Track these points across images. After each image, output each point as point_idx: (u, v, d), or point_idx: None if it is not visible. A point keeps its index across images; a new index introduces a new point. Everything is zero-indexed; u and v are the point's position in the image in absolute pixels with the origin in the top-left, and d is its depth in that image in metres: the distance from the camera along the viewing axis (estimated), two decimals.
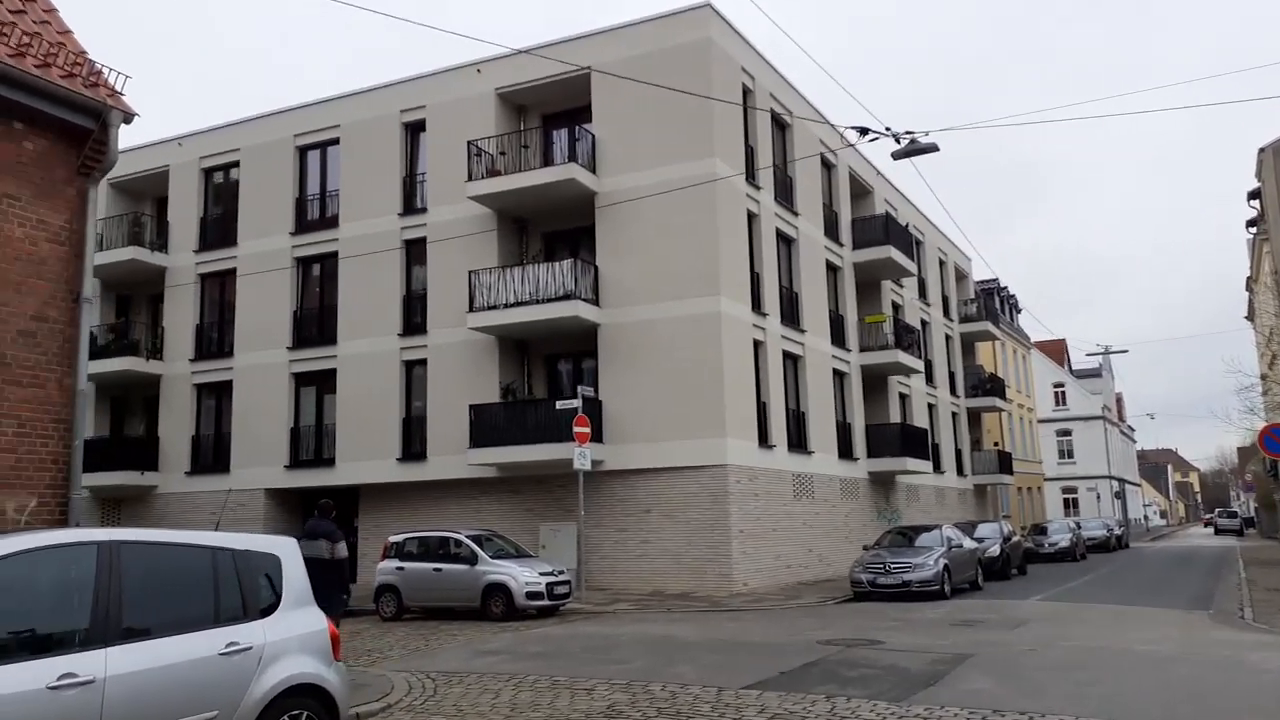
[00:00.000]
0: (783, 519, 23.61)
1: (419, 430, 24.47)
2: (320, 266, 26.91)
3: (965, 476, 40.72)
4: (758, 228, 24.09)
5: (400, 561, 18.13)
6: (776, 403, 23.90)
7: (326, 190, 27.18)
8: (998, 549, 25.60)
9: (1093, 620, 15.66)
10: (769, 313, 23.96)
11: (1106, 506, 69.55)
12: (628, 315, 22.27)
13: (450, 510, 23.93)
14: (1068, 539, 35.93)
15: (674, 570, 21.23)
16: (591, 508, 21.88)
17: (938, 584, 19.52)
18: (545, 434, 21.48)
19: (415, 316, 25.05)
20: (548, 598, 16.94)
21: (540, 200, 23.23)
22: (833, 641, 12.83)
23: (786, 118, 26.44)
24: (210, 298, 28.52)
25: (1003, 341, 50.32)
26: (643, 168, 22.47)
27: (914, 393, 34.52)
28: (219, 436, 27.51)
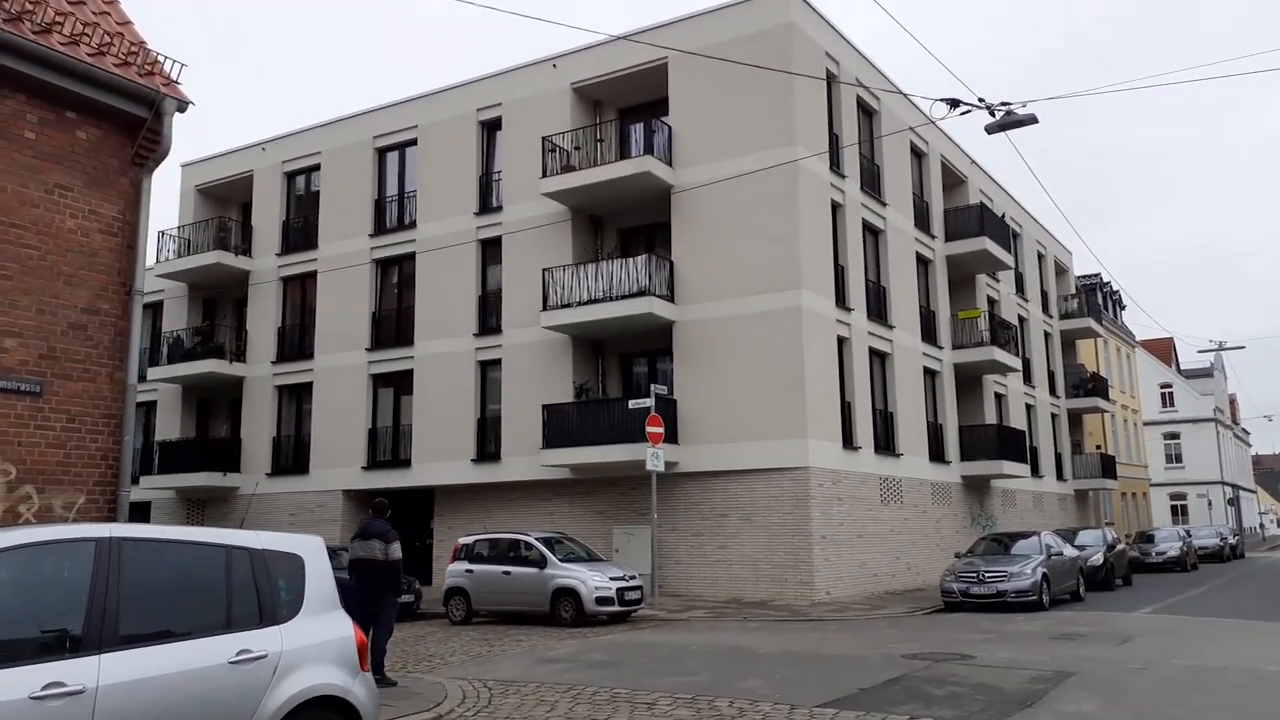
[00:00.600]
0: (868, 525, 22.55)
1: (493, 431, 24.17)
2: (398, 268, 26.89)
3: (1065, 481, 38.76)
4: (842, 218, 23.11)
5: (469, 564, 17.77)
6: (862, 402, 22.87)
7: (405, 191, 27.16)
8: (1100, 557, 24.06)
9: (1209, 636, 14.32)
10: (854, 308, 22.95)
11: (1219, 514, 65.81)
12: (704, 311, 21.56)
13: (523, 512, 23.55)
14: (1177, 548, 33.87)
15: (752, 577, 20.41)
16: (666, 511, 21.22)
17: (1035, 594, 18.27)
18: (619, 434, 20.91)
19: (490, 317, 24.77)
20: (618, 603, 16.33)
21: (615, 196, 22.70)
22: (919, 655, 11.90)
23: (873, 103, 25.38)
24: (292, 300, 28.80)
25: (1105, 339, 47.92)
26: (721, 158, 21.73)
27: (1010, 392, 32.90)
28: (299, 438, 27.72)
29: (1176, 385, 69.64)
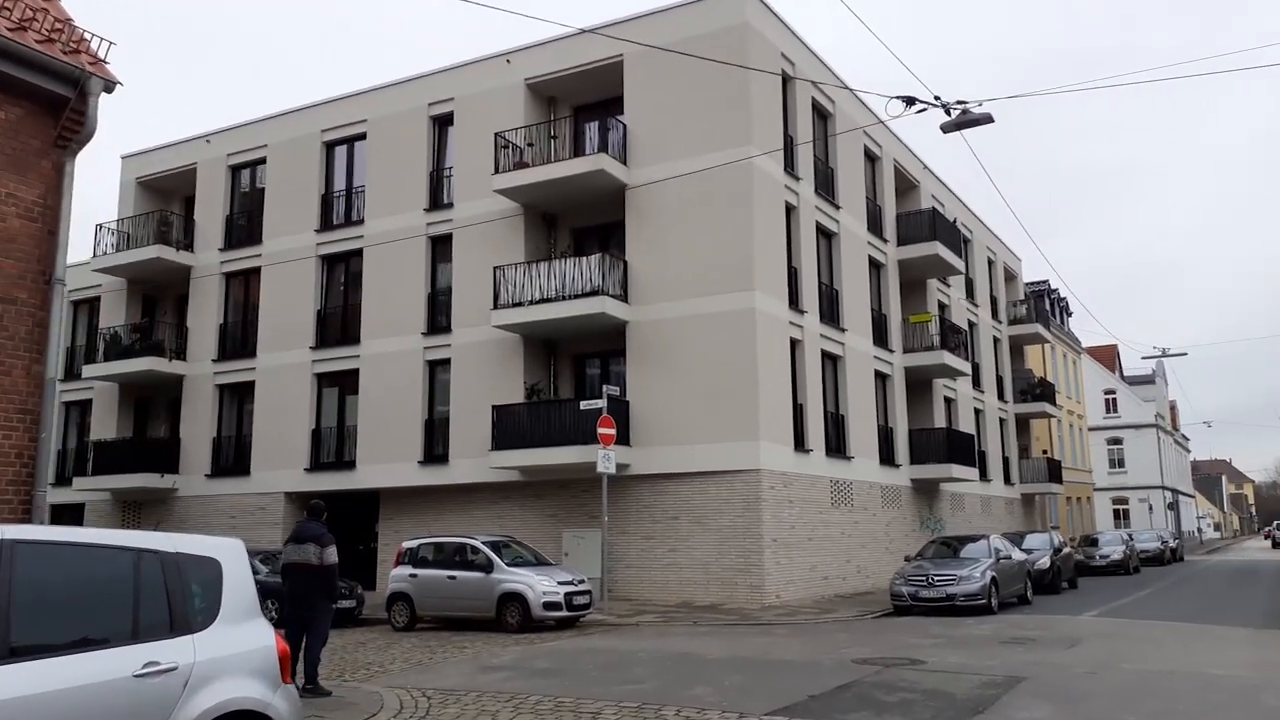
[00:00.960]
0: (819, 528, 22.47)
1: (441, 432, 23.69)
2: (345, 265, 26.29)
3: (1012, 485, 39.15)
4: (796, 221, 23.02)
5: (414, 568, 17.31)
6: (814, 405, 22.78)
7: (353, 186, 26.57)
8: (1047, 561, 24.22)
9: (1156, 639, 14.37)
10: (807, 310, 22.87)
11: (1159, 518, 67.16)
12: (658, 312, 21.32)
13: (472, 515, 23.11)
14: (1120, 551, 34.33)
15: (702, 580, 20.19)
16: (617, 514, 20.93)
17: (984, 598, 18.28)
18: (570, 436, 20.58)
19: (439, 316, 24.30)
20: (566, 608, 16.00)
21: (569, 193, 22.38)
22: (869, 660, 11.74)
23: (828, 106, 25.35)
24: (234, 297, 28.05)
25: (1053, 345, 48.57)
26: (676, 157, 21.51)
27: (960, 397, 33.13)
28: (240, 438, 26.98)
29: (1120, 391, 70.93)
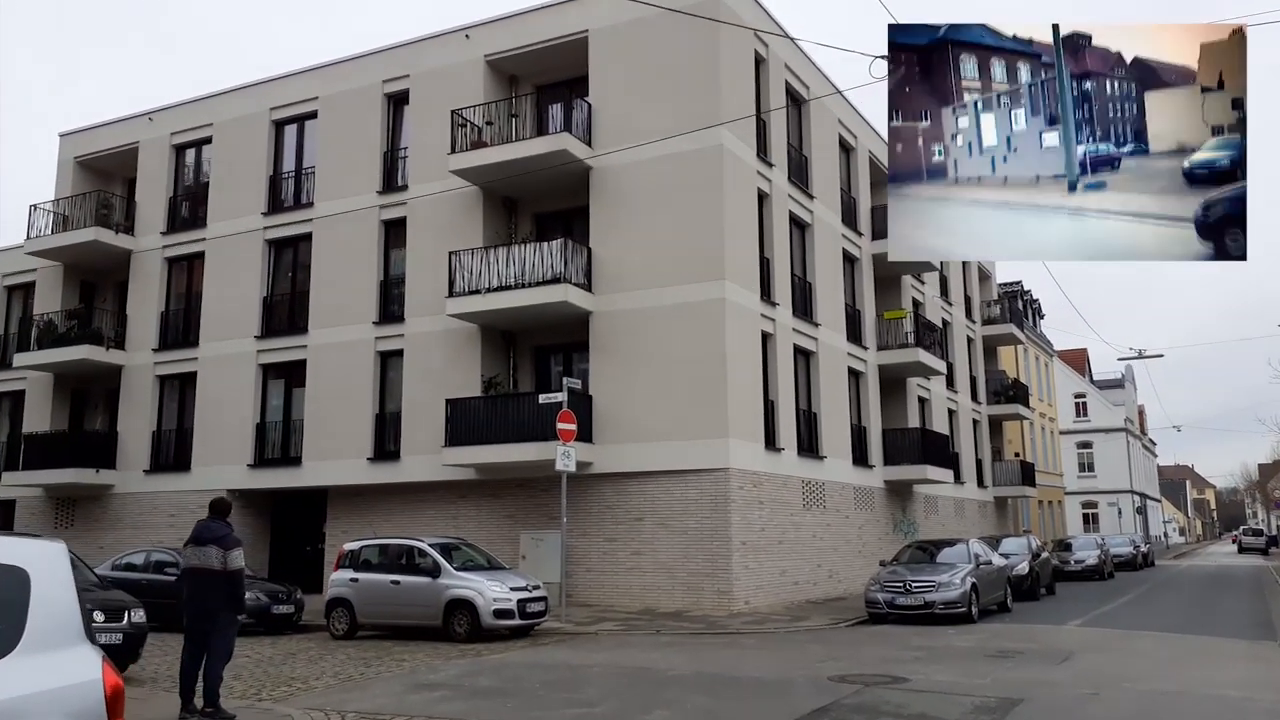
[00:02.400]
0: (790, 530, 21.40)
1: (393, 427, 22.38)
2: (293, 250, 24.89)
3: (986, 488, 38.37)
4: (769, 209, 21.95)
5: (355, 572, 16.02)
6: (786, 402, 21.72)
7: (302, 167, 25.18)
8: (1026, 566, 23.31)
9: (1149, 653, 13.42)
10: (779, 303, 21.80)
11: (1128, 522, 66.97)
12: (623, 302, 20.15)
13: (425, 515, 21.82)
14: (1095, 556, 33.56)
15: (667, 585, 19.05)
16: (578, 515, 19.75)
17: (964, 605, 17.28)
18: (529, 432, 19.36)
19: (392, 304, 22.99)
20: (519, 616, 14.78)
21: (530, 176, 21.14)
22: (847, 678, 10.64)
23: (802, 92, 24.31)
24: (177, 283, 26.55)
25: (1026, 347, 47.98)
26: (643, 140, 20.36)
27: (934, 397, 32.26)
28: (181, 432, 25.48)
29: (1090, 395, 70.69)
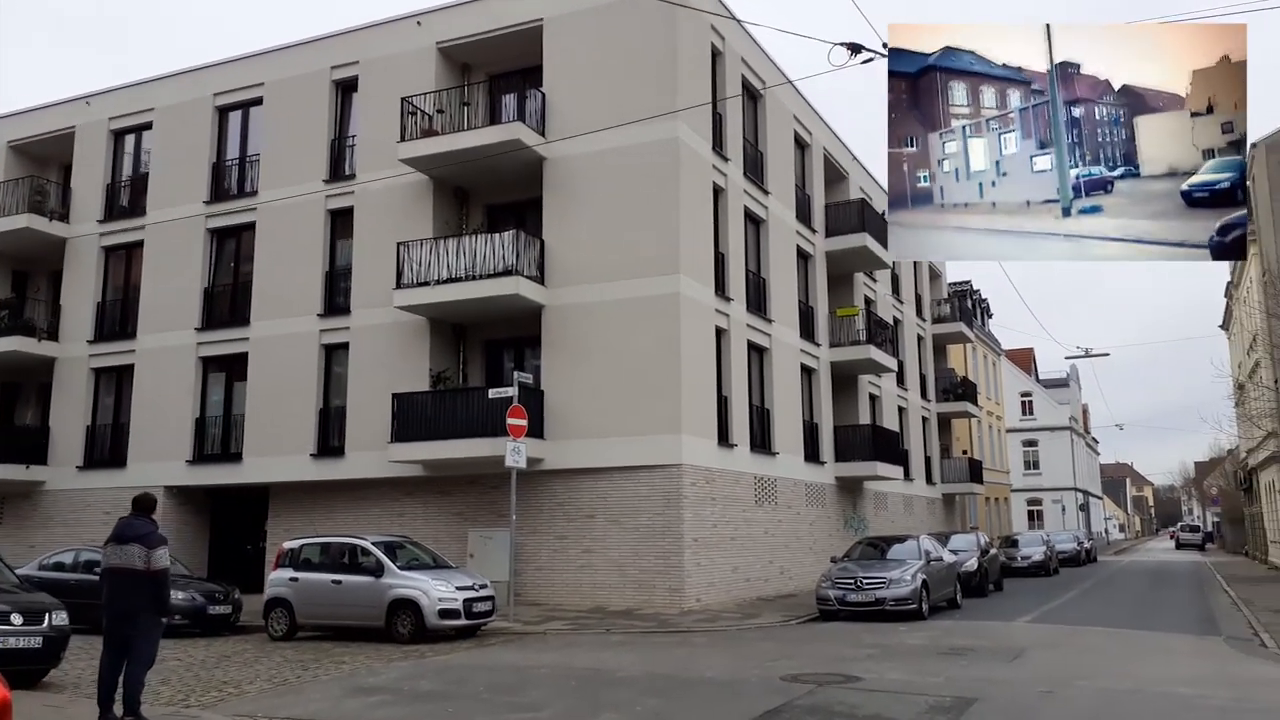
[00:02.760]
0: (742, 526, 21.26)
1: (337, 423, 21.83)
2: (236, 239, 24.18)
3: (934, 485, 38.65)
4: (724, 204, 21.76)
5: (295, 571, 15.51)
6: (739, 398, 21.56)
7: (247, 154, 24.46)
8: (974, 563, 23.44)
9: (1100, 648, 13.45)
10: (734, 298, 21.63)
11: (1071, 519, 68.12)
12: (576, 295, 19.83)
13: (370, 513, 21.32)
14: (1041, 553, 34.01)
15: (618, 583, 18.79)
16: (528, 512, 19.42)
17: (915, 602, 17.26)
18: (478, 427, 18.95)
19: (338, 296, 22.42)
20: (465, 616, 14.41)
21: (482, 166, 20.73)
22: (800, 677, 10.47)
23: (759, 87, 24.17)
24: (114, 273, 25.67)
25: (974, 345, 48.48)
26: (598, 130, 20.04)
27: (884, 394, 32.38)
28: (117, 427, 24.64)
29: (1036, 394, 71.76)
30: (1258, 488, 43.03)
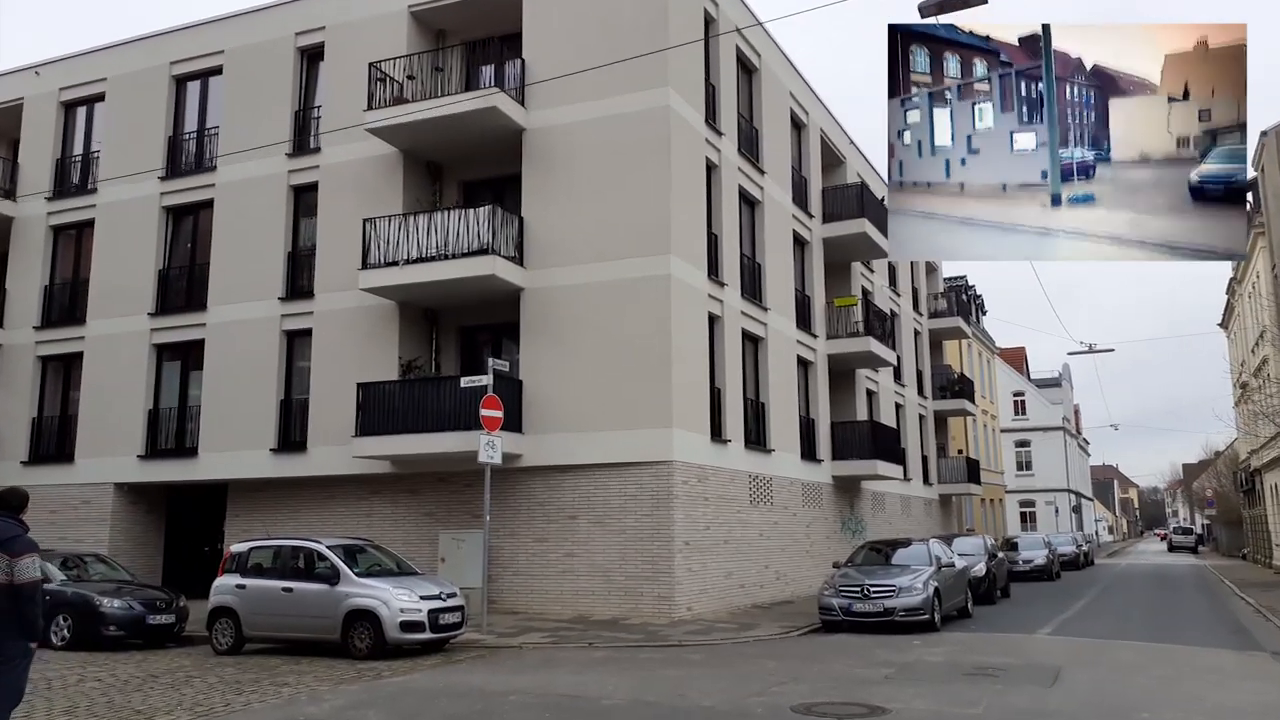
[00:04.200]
0: (736, 528, 19.75)
1: (300, 415, 20.22)
2: (193, 218, 22.53)
3: (931, 485, 37.24)
4: (718, 181, 20.25)
5: (242, 577, 13.92)
6: (733, 390, 20.06)
7: (205, 127, 22.80)
8: (983, 568, 22.00)
9: (1142, 668, 12.00)
10: (728, 283, 20.12)
11: (1064, 521, 66.97)
12: (558, 277, 18.28)
13: (334, 513, 19.73)
14: (1043, 556, 32.65)
15: (603, 591, 17.24)
16: (505, 512, 17.87)
17: (926, 612, 15.77)
18: (450, 420, 17.41)
19: (301, 278, 20.81)
20: (430, 629, 12.84)
21: (457, 138, 19.18)
22: (814, 709, 8.95)
23: (754, 60, 22.66)
24: (63, 254, 23.95)
25: (970, 342, 47.15)
26: (582, 100, 18.52)
27: (882, 390, 30.94)
28: (64, 420, 22.94)
29: (1029, 394, 70.54)
30: (1261, 489, 41.82)
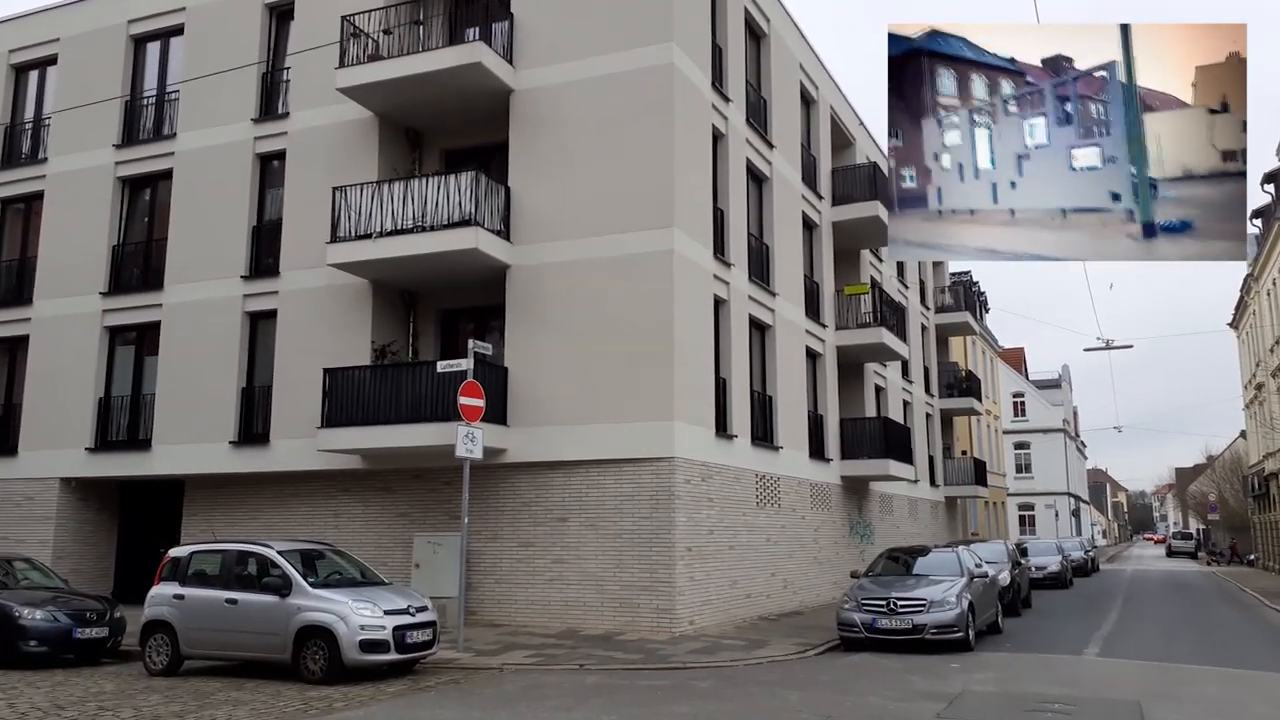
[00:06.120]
0: (742, 533, 17.99)
1: (263, 405, 18.38)
2: (150, 190, 20.69)
3: (937, 487, 35.53)
4: (724, 152, 18.49)
5: (181, 587, 12.08)
6: (739, 381, 18.30)
7: (165, 92, 20.95)
8: (1008, 577, 20.23)
9: (1234, 700, 10.31)
10: (734, 264, 18.35)
11: (1065, 525, 65.49)
12: (548, 253, 16.49)
13: (300, 513, 17.92)
14: (1056, 562, 30.89)
15: (595, 602, 15.45)
16: (486, 513, 16.10)
17: (961, 629, 14.02)
18: (428, 411, 15.62)
19: (266, 255, 18.98)
20: (396, 649, 11.02)
21: (438, 101, 17.39)
22: None
23: (763, 25, 20.92)
24: (10, 229, 22.11)
25: (975, 340, 45.50)
26: (577, 57, 16.76)
27: (890, 386, 29.24)
28: (8, 409, 21.04)
29: (1029, 395, 69.05)
30: (1276, 494, 40.30)
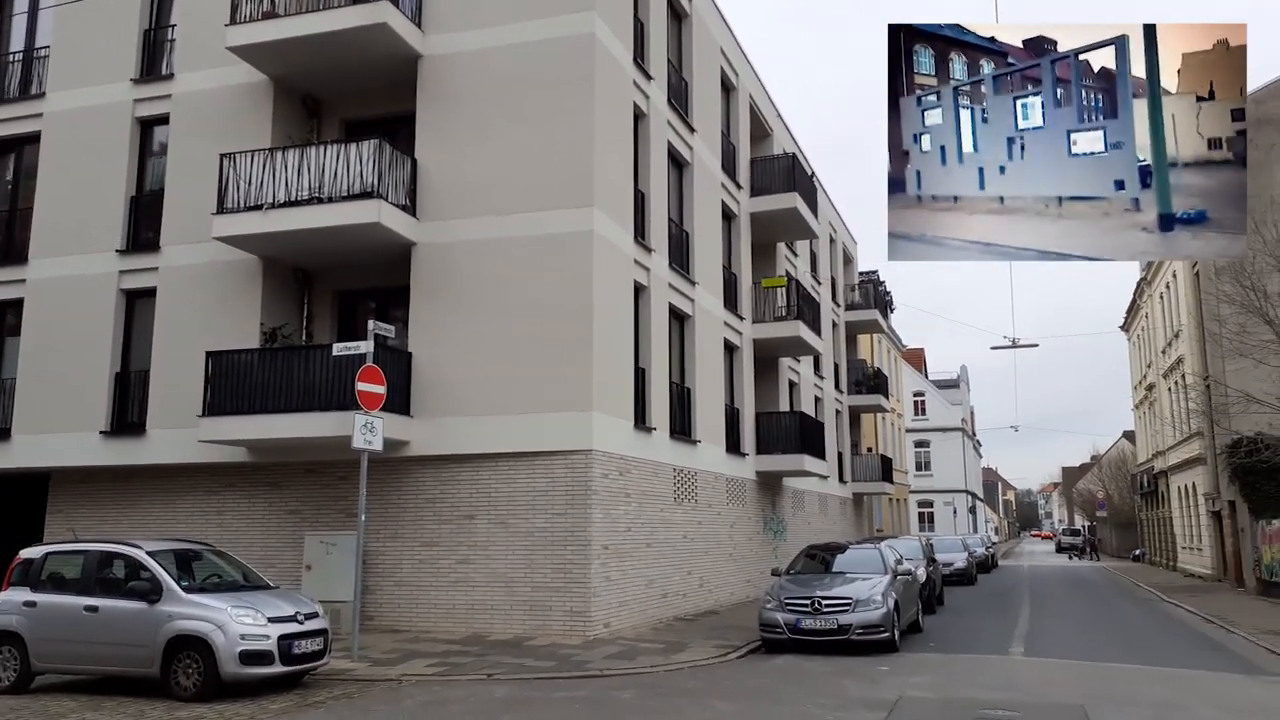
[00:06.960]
0: (659, 529, 17.22)
1: (139, 392, 16.80)
2: (16, 155, 18.81)
3: (846, 484, 35.48)
4: (645, 132, 17.68)
5: (33, 593, 10.65)
6: (659, 372, 17.52)
7: (34, 47, 19.06)
8: (923, 574, 19.97)
9: (1171, 700, 9.96)
10: (655, 249, 17.56)
11: (963, 522, 66.92)
12: (458, 231, 15.41)
13: (181, 511, 16.43)
14: (963, 559, 31.11)
15: (504, 604, 14.45)
16: (387, 510, 14.94)
17: (887, 629, 13.51)
18: (322, 398, 14.37)
19: (145, 228, 17.38)
20: (281, 660, 9.86)
21: (339, 65, 16.12)
22: None
23: (684, 3, 20.17)
24: None
25: (881, 338, 45.84)
26: (491, 24, 15.72)
27: (803, 381, 28.94)
28: None
29: (929, 394, 70.35)
30: (1166, 492, 41.60)
